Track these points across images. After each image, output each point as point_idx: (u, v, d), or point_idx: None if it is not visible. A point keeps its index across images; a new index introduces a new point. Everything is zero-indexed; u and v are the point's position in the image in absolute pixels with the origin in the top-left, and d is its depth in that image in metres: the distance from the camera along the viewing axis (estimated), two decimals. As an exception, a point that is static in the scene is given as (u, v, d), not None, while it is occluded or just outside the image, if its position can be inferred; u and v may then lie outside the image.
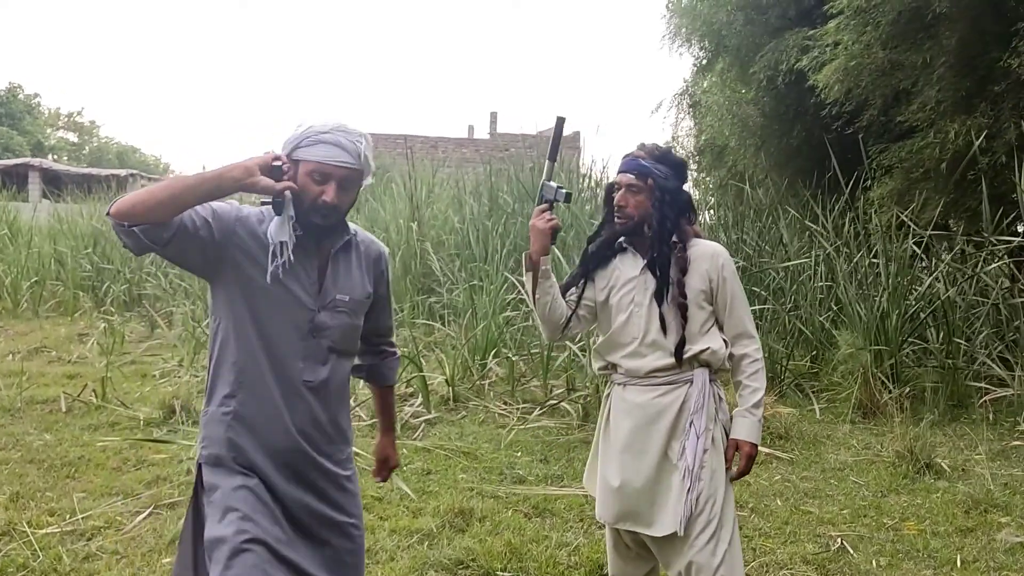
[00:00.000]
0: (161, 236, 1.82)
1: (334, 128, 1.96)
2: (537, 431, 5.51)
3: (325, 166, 1.95)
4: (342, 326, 2.07)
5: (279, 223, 1.94)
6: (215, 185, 1.83)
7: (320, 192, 1.95)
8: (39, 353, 8.12)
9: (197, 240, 1.90)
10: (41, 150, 50.44)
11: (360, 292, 2.12)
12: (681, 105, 15.15)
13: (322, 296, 2.04)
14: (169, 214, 1.80)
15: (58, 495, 4.18)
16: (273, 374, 1.98)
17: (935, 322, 6.82)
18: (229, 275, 1.98)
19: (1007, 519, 3.96)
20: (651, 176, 2.43)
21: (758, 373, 2.43)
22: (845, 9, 8.36)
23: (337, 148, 1.96)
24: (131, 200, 1.79)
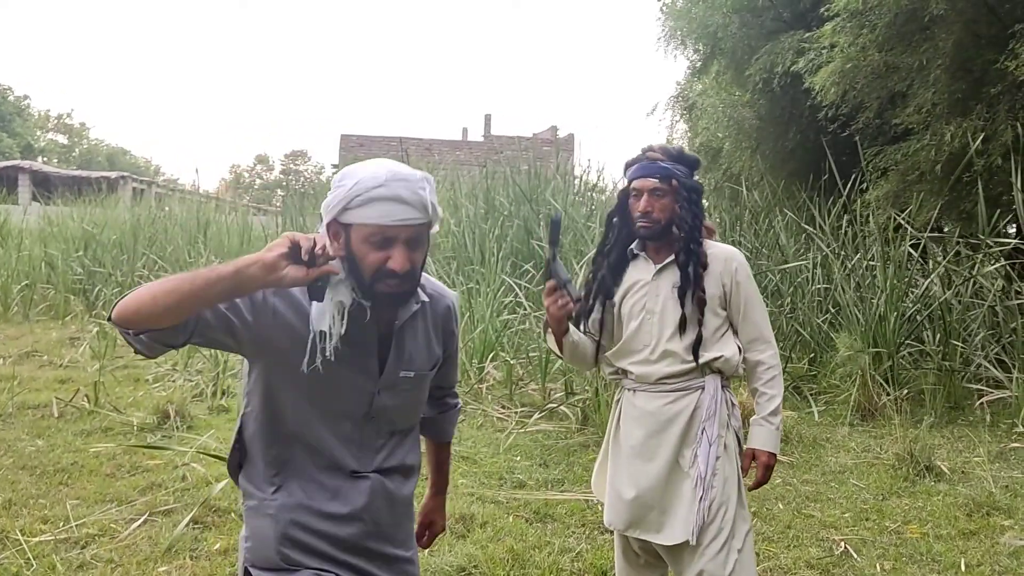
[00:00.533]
0: (176, 339, 1.54)
1: (389, 179, 1.57)
2: (536, 435, 5.48)
3: (387, 229, 1.57)
4: (406, 404, 1.78)
5: (324, 306, 1.61)
6: (230, 287, 1.47)
7: (383, 259, 1.59)
8: (30, 357, 8.04)
9: (223, 327, 1.58)
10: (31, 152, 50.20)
11: (427, 362, 1.80)
12: (676, 107, 15.17)
13: (384, 377, 1.71)
14: (176, 320, 1.49)
15: (51, 502, 4.12)
16: (318, 468, 1.70)
17: (932, 324, 6.82)
18: (267, 359, 1.67)
19: (1010, 522, 3.94)
20: (674, 177, 2.39)
21: (774, 380, 2.38)
22: (841, 11, 8.36)
23: (398, 204, 1.57)
24: (133, 304, 1.47)
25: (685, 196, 2.38)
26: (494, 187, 10.15)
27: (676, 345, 2.35)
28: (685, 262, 2.35)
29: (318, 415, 1.68)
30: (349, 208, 1.57)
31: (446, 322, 1.86)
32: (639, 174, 2.40)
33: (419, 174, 1.62)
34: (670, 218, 2.38)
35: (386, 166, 1.60)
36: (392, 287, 1.61)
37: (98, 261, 11.29)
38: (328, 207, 1.61)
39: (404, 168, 1.61)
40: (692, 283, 2.33)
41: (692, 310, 2.33)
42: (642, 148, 2.47)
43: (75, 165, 55.59)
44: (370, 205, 1.56)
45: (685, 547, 2.28)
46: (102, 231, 11.94)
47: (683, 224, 2.37)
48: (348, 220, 1.58)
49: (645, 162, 2.40)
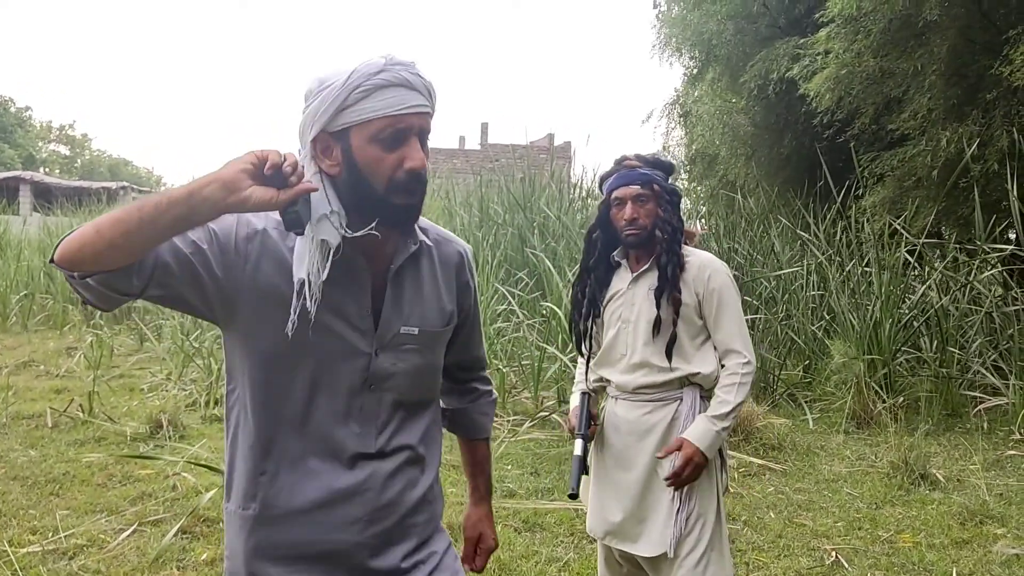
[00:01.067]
0: (129, 284, 1.27)
1: (389, 63, 1.31)
2: (528, 443, 5.46)
3: (400, 119, 1.31)
4: (412, 370, 1.45)
5: (301, 247, 1.33)
6: (184, 212, 1.19)
7: (398, 160, 1.32)
8: (27, 367, 8.04)
9: (187, 277, 1.32)
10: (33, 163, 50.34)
11: (436, 317, 1.49)
12: (672, 115, 15.18)
13: (381, 333, 1.42)
14: (126, 258, 1.22)
15: (41, 512, 4.11)
16: (312, 452, 1.40)
17: (928, 331, 6.79)
18: (242, 321, 1.38)
19: (1003, 530, 3.91)
20: (655, 182, 2.40)
21: (734, 387, 2.30)
22: (836, 17, 8.37)
23: (406, 89, 1.32)
24: (76, 241, 1.22)
25: (667, 200, 2.39)
26: (489, 195, 10.15)
27: (651, 353, 2.34)
28: (666, 263, 2.35)
29: (308, 387, 1.38)
30: (346, 106, 1.30)
31: (459, 272, 1.56)
32: (619, 183, 2.40)
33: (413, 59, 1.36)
34: (654, 223, 2.39)
35: (376, 55, 1.33)
36: (411, 197, 1.35)
37: (96, 271, 11.28)
38: (311, 120, 1.32)
39: (396, 53, 1.35)
40: (668, 283, 2.32)
41: (667, 311, 2.32)
42: (615, 159, 2.47)
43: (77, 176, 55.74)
44: (374, 95, 1.30)
45: (663, 559, 2.27)
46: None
47: (666, 227, 2.37)
48: (345, 122, 1.31)
49: (623, 171, 2.41)
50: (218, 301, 1.36)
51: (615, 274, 2.50)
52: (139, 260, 1.25)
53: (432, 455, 1.53)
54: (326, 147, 1.34)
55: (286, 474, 1.39)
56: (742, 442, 5.40)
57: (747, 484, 4.73)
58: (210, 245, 1.33)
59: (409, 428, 1.47)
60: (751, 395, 6.33)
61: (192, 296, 1.35)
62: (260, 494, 1.40)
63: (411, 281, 1.46)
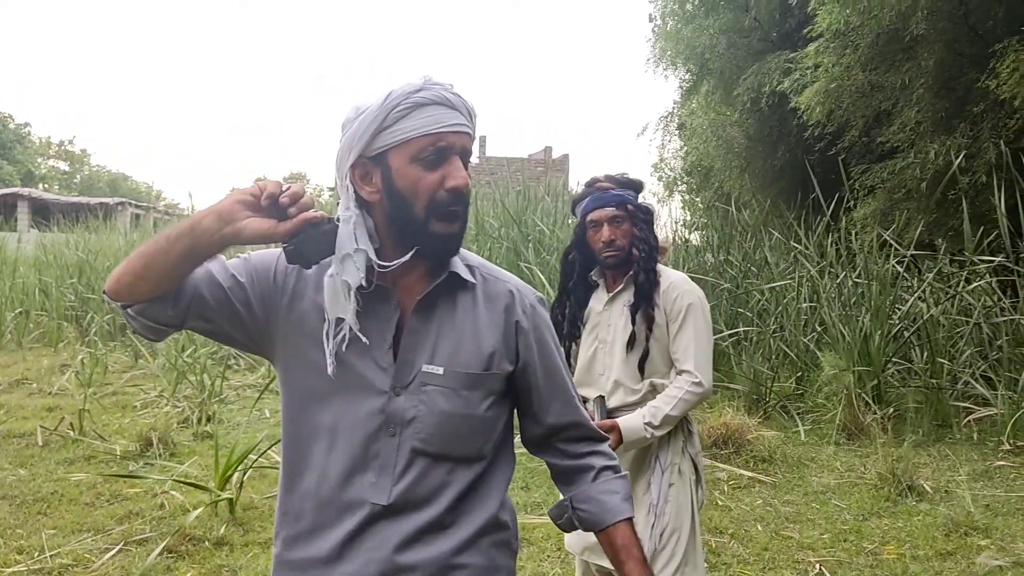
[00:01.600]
0: (166, 314, 1.29)
1: (427, 83, 1.27)
2: (520, 457, 5.43)
3: (441, 136, 1.26)
4: (436, 414, 1.30)
5: (329, 285, 1.27)
6: (189, 243, 1.21)
7: (440, 179, 1.27)
8: (20, 385, 8.04)
9: (225, 312, 1.32)
10: (32, 179, 50.46)
11: (471, 359, 1.33)
12: (667, 127, 15.27)
13: (399, 370, 1.31)
14: (155, 287, 1.25)
15: (28, 532, 4.11)
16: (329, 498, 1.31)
17: (919, 342, 6.81)
18: (280, 356, 1.37)
19: (987, 542, 3.92)
20: (628, 203, 2.43)
21: (675, 400, 2.27)
22: (824, 32, 8.45)
23: (446, 108, 1.27)
24: (117, 272, 1.27)
25: (641, 218, 2.42)
26: (484, 209, 10.19)
27: (626, 372, 2.36)
28: (643, 281, 2.37)
29: (330, 427, 1.31)
30: (385, 127, 1.25)
31: (508, 311, 1.38)
32: (594, 206, 2.43)
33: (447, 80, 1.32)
34: (631, 242, 2.42)
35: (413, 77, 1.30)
36: (451, 225, 1.29)
37: (91, 288, 11.32)
38: (348, 147, 1.28)
39: (434, 75, 1.31)
40: (644, 300, 2.35)
41: (641, 327, 2.35)
42: (586, 182, 2.51)
43: (77, 191, 55.89)
44: (414, 114, 1.25)
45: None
46: (96, 258, 11.98)
47: (642, 245, 2.40)
48: (384, 144, 1.26)
49: (597, 193, 2.44)
50: (257, 334, 1.35)
51: (593, 294, 2.53)
52: (173, 292, 1.28)
53: (464, 523, 1.33)
54: (365, 173, 1.29)
55: (306, 518, 1.33)
56: (732, 455, 5.41)
57: (736, 497, 4.74)
58: (248, 278, 1.33)
59: (434, 485, 1.31)
60: (745, 409, 6.37)
61: (233, 329, 1.34)
62: (283, 534, 1.36)
63: (442, 316, 1.34)
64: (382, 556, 1.27)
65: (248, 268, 1.34)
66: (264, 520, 4.27)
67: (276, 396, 5.73)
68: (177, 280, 1.27)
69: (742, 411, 6.18)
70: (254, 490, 4.68)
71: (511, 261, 8.63)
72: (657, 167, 16.94)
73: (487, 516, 1.36)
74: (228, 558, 3.79)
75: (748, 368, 6.87)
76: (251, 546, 3.93)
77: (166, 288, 1.26)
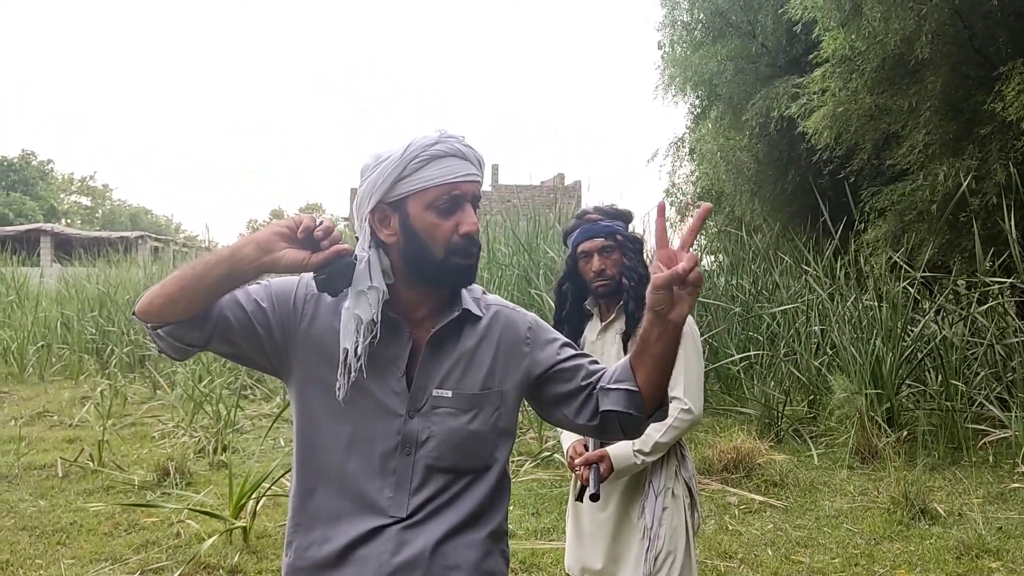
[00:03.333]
0: (193, 336, 1.41)
1: (442, 136, 1.42)
2: (531, 484, 5.49)
3: (455, 186, 1.40)
4: (446, 434, 1.43)
5: (346, 317, 1.40)
6: (226, 270, 1.33)
7: (454, 226, 1.41)
8: (42, 418, 8.16)
9: (246, 334, 1.45)
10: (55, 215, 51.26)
11: (474, 380, 1.48)
12: (678, 153, 15.34)
13: (414, 395, 1.44)
14: (187, 309, 1.37)
15: (47, 562, 4.19)
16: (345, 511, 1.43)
17: (933, 364, 6.79)
18: (295, 377, 1.49)
19: (998, 564, 3.91)
20: (617, 233, 2.50)
21: (665, 427, 2.30)
22: (831, 57, 8.51)
23: (459, 159, 1.42)
24: (148, 296, 1.39)
25: (630, 248, 2.48)
26: (495, 237, 10.29)
27: None
28: (633, 309, 2.43)
29: (345, 446, 1.43)
30: (404, 176, 1.39)
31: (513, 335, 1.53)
32: (584, 237, 2.50)
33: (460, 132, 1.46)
34: (621, 271, 2.48)
35: (429, 130, 1.44)
36: (469, 259, 1.43)
37: (111, 320, 11.49)
38: (369, 193, 1.42)
39: (448, 127, 1.45)
40: (636, 328, 2.40)
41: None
42: (576, 214, 2.58)
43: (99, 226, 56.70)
44: (431, 165, 1.39)
45: (635, 595, 2.32)
46: (116, 291, 12.17)
47: (632, 274, 2.46)
48: (402, 192, 1.40)
49: (586, 225, 2.50)
50: (275, 356, 1.48)
51: (587, 324, 2.59)
52: (202, 315, 1.39)
53: (479, 529, 1.46)
54: (384, 217, 1.43)
55: (319, 528, 1.43)
56: (743, 479, 5.42)
57: (747, 521, 4.74)
58: (269, 302, 1.46)
59: (448, 497, 1.43)
60: (757, 433, 6.37)
61: (252, 351, 1.47)
62: (295, 543, 1.46)
63: (452, 347, 1.48)
64: (396, 561, 1.38)
65: (269, 293, 1.48)
66: (277, 548, 4.32)
67: (289, 425, 5.81)
68: (208, 304, 1.39)
69: (753, 435, 6.18)
70: (268, 518, 4.74)
71: (522, 288, 8.70)
72: (669, 192, 17.03)
73: (495, 525, 1.49)
74: (242, 586, 3.84)
75: (760, 392, 6.87)
76: (264, 574, 3.98)
77: (196, 311, 1.38)
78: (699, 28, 11.87)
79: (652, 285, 1.34)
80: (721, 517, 4.79)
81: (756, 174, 11.60)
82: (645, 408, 1.47)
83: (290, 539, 1.48)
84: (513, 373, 1.51)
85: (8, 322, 12.06)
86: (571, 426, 1.55)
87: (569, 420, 1.54)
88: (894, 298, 6.85)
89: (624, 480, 2.39)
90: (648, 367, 1.44)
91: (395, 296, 1.45)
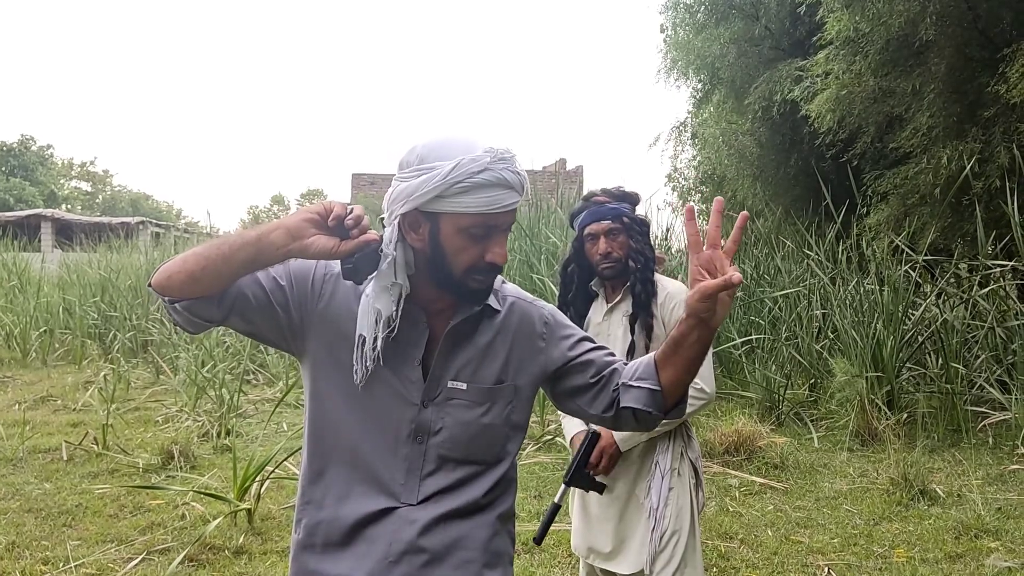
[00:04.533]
0: (211, 312, 1.41)
1: (492, 161, 1.35)
2: (533, 467, 5.52)
3: (491, 217, 1.37)
4: (458, 425, 1.45)
5: (365, 305, 1.40)
6: (253, 253, 1.33)
7: (481, 252, 1.39)
8: (45, 402, 8.19)
9: (264, 312, 1.45)
10: (55, 200, 51.21)
11: (489, 374, 1.48)
12: (680, 137, 15.31)
13: (429, 386, 1.45)
14: (208, 288, 1.37)
15: (53, 543, 4.22)
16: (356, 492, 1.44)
17: (933, 347, 6.80)
18: (310, 357, 1.50)
19: (996, 544, 3.93)
20: (624, 215, 2.50)
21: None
22: (835, 39, 8.48)
23: (504, 189, 1.36)
24: (167, 269, 1.38)
25: (637, 230, 2.49)
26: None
27: None
28: (640, 291, 2.44)
29: (358, 430, 1.44)
30: (444, 196, 1.34)
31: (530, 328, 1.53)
32: (591, 219, 2.50)
33: (511, 149, 1.39)
34: (628, 254, 2.49)
35: (479, 142, 1.37)
36: (484, 283, 1.42)
37: (113, 306, 11.51)
38: (405, 196, 1.36)
39: (497, 143, 1.38)
40: (642, 310, 2.42)
41: (640, 336, 2.41)
42: (583, 196, 2.58)
43: (99, 211, 56.62)
44: (473, 192, 1.34)
45: (640, 575, 2.34)
46: (118, 276, 12.18)
47: (639, 257, 2.47)
48: (440, 209, 1.35)
49: (593, 207, 2.51)
50: (290, 334, 1.48)
51: (592, 305, 2.60)
52: (221, 292, 1.39)
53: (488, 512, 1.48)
54: (415, 223, 1.39)
55: (329, 506, 1.44)
56: (744, 461, 5.44)
57: (747, 503, 4.77)
58: (287, 281, 1.46)
59: (458, 485, 1.45)
60: (758, 416, 6.39)
61: (268, 329, 1.47)
62: (304, 520, 1.47)
63: (469, 340, 1.48)
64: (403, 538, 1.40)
65: (288, 272, 1.47)
66: (281, 529, 4.36)
67: (292, 409, 5.85)
68: (229, 284, 1.39)
69: (754, 418, 6.21)
70: (271, 500, 4.78)
71: (524, 274, 8.71)
72: (671, 177, 17.02)
73: (504, 508, 1.51)
74: (247, 566, 3.88)
75: (761, 376, 6.89)
76: (269, 554, 4.01)
77: (217, 289, 1.38)
78: (702, 10, 11.82)
79: (700, 293, 1.33)
80: (722, 499, 4.82)
81: (758, 158, 11.58)
82: (665, 406, 1.48)
83: (299, 516, 1.48)
84: (528, 368, 1.51)
85: (10, 307, 12.07)
86: (585, 416, 1.56)
87: (583, 410, 1.55)
88: (895, 282, 6.86)
89: (631, 461, 2.41)
90: (678, 368, 1.45)
91: (415, 288, 1.44)
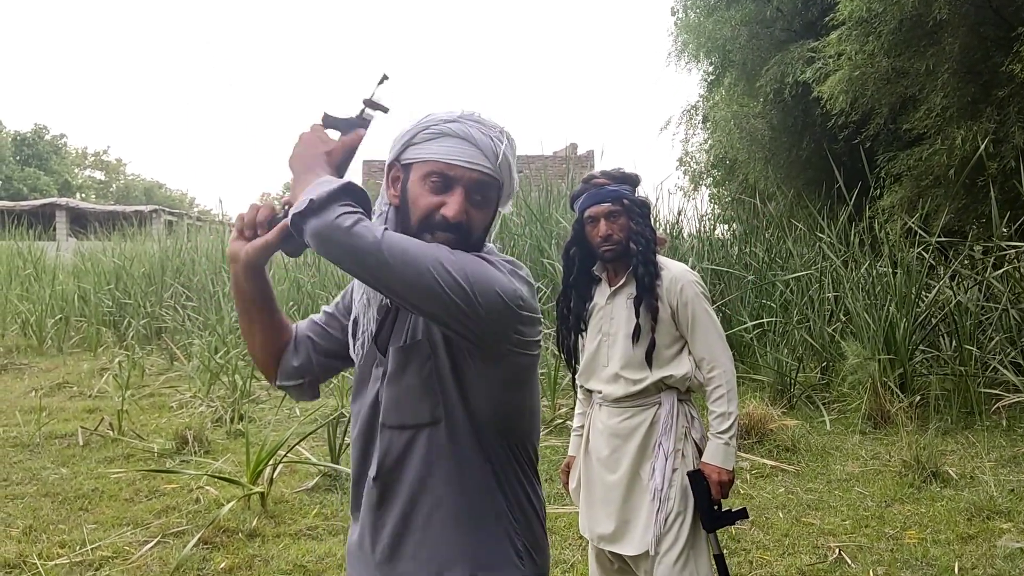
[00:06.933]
0: (292, 366, 1.53)
1: (463, 117, 1.39)
2: (544, 450, 5.54)
3: (450, 167, 1.37)
4: (388, 388, 1.43)
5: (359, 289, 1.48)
6: (234, 287, 1.46)
7: (437, 204, 1.37)
8: (61, 389, 8.28)
9: (329, 341, 1.55)
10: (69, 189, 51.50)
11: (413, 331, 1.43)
12: (691, 120, 15.23)
13: (380, 358, 1.47)
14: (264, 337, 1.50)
15: (70, 527, 4.28)
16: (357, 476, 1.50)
17: (947, 329, 6.76)
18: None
19: (1009, 525, 3.92)
20: (624, 197, 2.50)
21: (723, 398, 2.41)
22: (847, 20, 8.39)
23: (467, 143, 1.38)
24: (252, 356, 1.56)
25: (637, 212, 2.48)
26: (508, 207, 10.27)
27: (628, 364, 2.43)
28: (643, 274, 2.44)
29: (355, 412, 1.50)
30: (412, 143, 1.40)
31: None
32: (591, 202, 2.50)
33: (499, 125, 1.43)
34: (628, 236, 2.48)
35: (467, 109, 1.42)
36: (438, 240, 1.35)
37: (128, 293, 11.60)
38: (394, 143, 1.44)
39: (484, 115, 1.42)
40: (647, 292, 2.41)
41: (646, 319, 2.41)
42: (583, 178, 2.57)
43: (113, 200, 56.92)
44: (436, 140, 1.38)
45: (646, 556, 2.36)
46: (132, 264, 12.26)
47: (639, 239, 2.47)
48: (409, 157, 1.40)
49: (593, 190, 2.50)
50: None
51: (595, 288, 2.60)
52: (286, 346, 1.53)
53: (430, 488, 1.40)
54: (395, 178, 1.44)
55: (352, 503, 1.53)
56: (756, 444, 5.44)
57: (758, 485, 4.77)
58: (335, 308, 1.58)
59: (401, 456, 1.41)
60: (769, 399, 6.38)
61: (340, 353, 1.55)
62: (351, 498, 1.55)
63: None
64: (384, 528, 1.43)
65: (338, 299, 1.59)
66: (294, 513, 4.40)
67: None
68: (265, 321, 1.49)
69: (766, 401, 6.20)
70: (284, 484, 4.82)
71: (535, 258, 8.71)
72: (683, 161, 16.93)
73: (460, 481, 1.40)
74: (260, 548, 3.92)
75: (773, 359, 6.87)
76: (282, 537, 4.05)
77: (271, 334, 1.50)
78: (713, -8, 11.72)
79: None
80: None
81: (770, 141, 11.51)
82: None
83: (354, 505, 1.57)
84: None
85: (26, 295, 12.18)
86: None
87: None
88: (909, 264, 6.81)
89: (634, 443, 2.41)
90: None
91: None
